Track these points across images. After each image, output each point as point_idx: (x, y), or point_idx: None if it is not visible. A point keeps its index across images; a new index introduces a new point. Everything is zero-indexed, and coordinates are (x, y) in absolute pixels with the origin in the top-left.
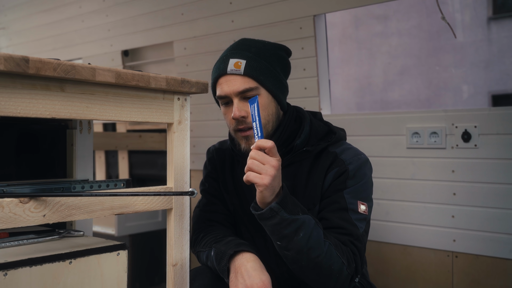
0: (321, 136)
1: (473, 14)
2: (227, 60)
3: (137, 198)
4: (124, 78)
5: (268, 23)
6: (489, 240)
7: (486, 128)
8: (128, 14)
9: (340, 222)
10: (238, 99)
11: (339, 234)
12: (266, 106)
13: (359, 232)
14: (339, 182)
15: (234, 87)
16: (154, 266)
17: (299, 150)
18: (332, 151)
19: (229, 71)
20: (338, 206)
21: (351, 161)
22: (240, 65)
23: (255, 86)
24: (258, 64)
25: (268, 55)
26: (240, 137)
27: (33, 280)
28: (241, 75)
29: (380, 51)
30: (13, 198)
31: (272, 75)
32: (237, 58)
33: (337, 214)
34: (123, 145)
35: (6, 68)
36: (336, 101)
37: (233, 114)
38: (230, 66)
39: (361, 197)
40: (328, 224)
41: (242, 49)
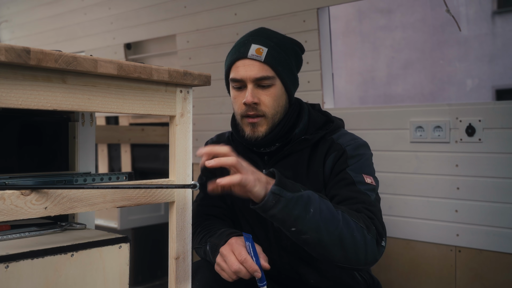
0: (319, 125)
1: (477, 8)
2: (248, 45)
3: (139, 191)
4: (126, 70)
5: (272, 16)
6: (493, 234)
7: (491, 122)
8: (130, 7)
9: (349, 194)
10: (253, 85)
11: (350, 204)
12: (278, 97)
13: (370, 199)
14: (340, 163)
15: (251, 72)
16: (157, 259)
17: (297, 139)
18: (329, 138)
19: (249, 55)
20: (344, 182)
21: (348, 143)
22: (262, 52)
23: (272, 76)
24: (278, 54)
25: (287, 48)
26: (246, 123)
27: (34, 273)
28: (261, 62)
29: (384, 45)
30: (15, 190)
31: (288, 68)
32: (259, 45)
33: (345, 188)
34: (126, 138)
35: (7, 59)
36: (339, 95)
37: (246, 99)
38: (252, 51)
39: (365, 171)
40: (338, 198)
41: (264, 37)
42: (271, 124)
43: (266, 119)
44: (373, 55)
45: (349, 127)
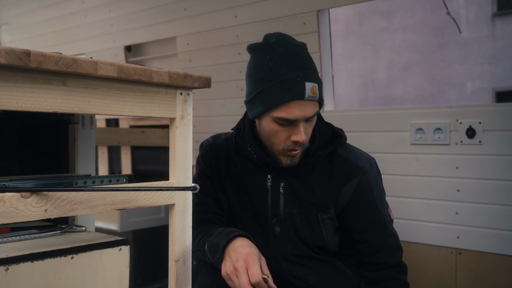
0: (327, 137)
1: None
2: (302, 84)
3: (139, 193)
4: (126, 72)
5: (272, 18)
6: (493, 236)
7: (491, 124)
8: (131, 9)
9: (387, 241)
10: (304, 122)
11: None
12: (313, 124)
13: (398, 240)
14: (366, 196)
15: (306, 112)
16: (157, 261)
17: (312, 155)
18: (343, 156)
19: (307, 97)
20: (380, 225)
21: (367, 169)
22: (316, 90)
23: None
24: (321, 86)
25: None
26: (287, 155)
27: (34, 275)
28: (316, 101)
29: (384, 47)
30: (15, 192)
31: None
32: (312, 82)
33: (382, 234)
34: (126, 140)
35: (7, 62)
36: (340, 97)
37: (301, 139)
38: (308, 92)
39: (386, 202)
40: (377, 246)
41: (310, 68)
42: (305, 149)
43: (303, 147)
44: (373, 57)
45: (350, 129)
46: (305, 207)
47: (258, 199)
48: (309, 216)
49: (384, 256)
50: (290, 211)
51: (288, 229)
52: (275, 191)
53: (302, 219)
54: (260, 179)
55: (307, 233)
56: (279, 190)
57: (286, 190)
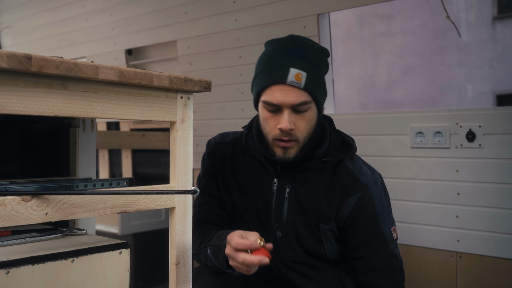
0: (337, 146)
1: (477, 14)
2: (287, 69)
3: (140, 197)
4: (127, 76)
5: (272, 22)
6: (494, 240)
7: (491, 127)
8: (132, 13)
9: (384, 262)
10: (290, 110)
11: (385, 277)
12: (312, 119)
13: (399, 262)
14: (367, 212)
15: (289, 99)
16: (157, 265)
17: (318, 160)
18: (349, 169)
19: (289, 82)
20: (379, 243)
21: (371, 185)
22: (301, 77)
23: (309, 100)
24: (316, 77)
25: (322, 65)
26: (277, 146)
27: (35, 278)
28: (300, 88)
29: (384, 50)
30: (16, 196)
31: (323, 88)
32: (299, 69)
33: (380, 253)
34: (127, 144)
35: (9, 66)
36: (340, 100)
37: (282, 125)
38: (291, 77)
39: (391, 221)
40: (373, 266)
41: (301, 57)
42: (302, 145)
43: (298, 142)
44: (373, 60)
45: (350, 132)
46: (308, 216)
47: (262, 202)
48: (311, 225)
49: (380, 277)
50: (293, 218)
51: (290, 235)
52: (280, 196)
53: (304, 227)
54: (266, 182)
55: (308, 241)
56: (284, 195)
57: (291, 195)
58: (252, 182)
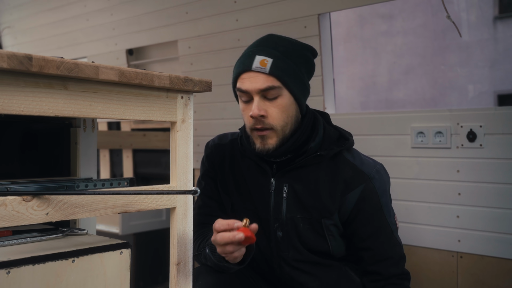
0: (333, 140)
1: (478, 13)
2: (253, 56)
3: (140, 197)
4: (127, 76)
5: (273, 21)
6: (495, 240)
7: (492, 127)
8: (132, 13)
9: (391, 252)
10: (259, 97)
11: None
12: (287, 108)
13: (402, 249)
14: (371, 203)
15: (257, 84)
16: (158, 265)
17: (312, 154)
18: (349, 161)
19: (254, 68)
20: (386, 234)
21: (373, 175)
22: (266, 63)
23: (278, 86)
24: (285, 64)
25: (295, 55)
26: (256, 136)
27: (36, 279)
28: (266, 73)
29: (385, 50)
30: (16, 196)
31: (297, 77)
32: (264, 56)
33: (387, 243)
34: (128, 143)
35: (10, 66)
36: (341, 100)
37: (252, 112)
38: (256, 63)
39: (392, 210)
40: (380, 256)
41: (269, 46)
42: (281, 136)
43: (275, 131)
44: (374, 60)
45: (351, 132)
46: (309, 212)
47: (260, 203)
48: (313, 222)
49: (389, 266)
50: (293, 216)
51: (290, 234)
52: (278, 195)
53: (305, 224)
54: (263, 182)
55: (310, 239)
56: (282, 194)
57: (289, 194)
58: (250, 183)
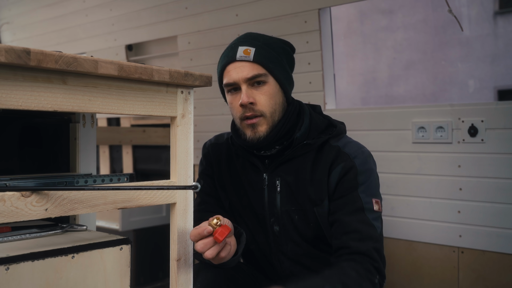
0: (321, 129)
1: (479, 8)
2: (235, 48)
3: (140, 192)
4: (126, 70)
5: (273, 16)
6: (496, 235)
7: (493, 122)
8: (132, 8)
9: (358, 225)
10: (247, 85)
11: (358, 240)
12: (274, 94)
13: (377, 233)
14: (349, 178)
15: (243, 73)
16: (158, 261)
17: (299, 144)
18: (334, 145)
19: (238, 57)
20: (354, 206)
21: (356, 155)
22: (250, 52)
23: (264, 73)
24: (267, 52)
25: (275, 46)
26: (246, 126)
27: (35, 275)
28: (251, 61)
29: (386, 46)
30: (15, 192)
31: (280, 64)
32: (247, 46)
33: (354, 216)
34: (127, 139)
35: (7, 60)
36: (341, 95)
37: (242, 100)
38: (240, 53)
39: (374, 193)
40: (345, 228)
41: (251, 38)
42: (271, 123)
43: (265, 118)
44: (374, 56)
45: (351, 128)
46: (301, 204)
47: (255, 199)
48: (306, 212)
49: (351, 240)
50: (288, 209)
51: (287, 228)
52: (272, 190)
53: (300, 215)
54: (257, 178)
55: (306, 230)
56: (275, 189)
57: (282, 188)
58: (245, 180)
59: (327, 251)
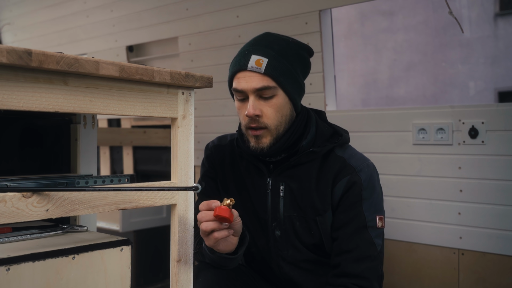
0: (326, 137)
1: (480, 10)
2: (248, 56)
3: (141, 193)
4: (128, 71)
5: (274, 18)
6: (496, 237)
7: (494, 124)
8: (132, 9)
9: (358, 244)
10: (254, 96)
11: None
12: (282, 107)
13: (376, 251)
14: (353, 193)
15: (252, 84)
16: (159, 262)
17: (305, 151)
18: (339, 156)
19: (249, 67)
20: (357, 224)
21: (361, 168)
22: (262, 63)
23: (273, 86)
24: (280, 64)
25: (291, 55)
26: (251, 135)
27: (36, 275)
28: (261, 73)
29: (386, 47)
30: (16, 192)
31: (292, 76)
32: (259, 56)
33: (356, 234)
34: (128, 140)
35: (9, 61)
36: (342, 97)
37: (248, 111)
38: (251, 62)
39: (378, 209)
40: (346, 246)
41: (265, 46)
42: (275, 135)
43: (270, 130)
44: (375, 57)
45: (352, 129)
46: (304, 211)
47: (258, 203)
48: (309, 220)
49: (348, 260)
50: (290, 215)
51: (288, 233)
52: (275, 194)
53: (302, 222)
54: (261, 182)
55: (307, 237)
56: (279, 193)
57: (286, 193)
58: (248, 183)
59: (328, 257)
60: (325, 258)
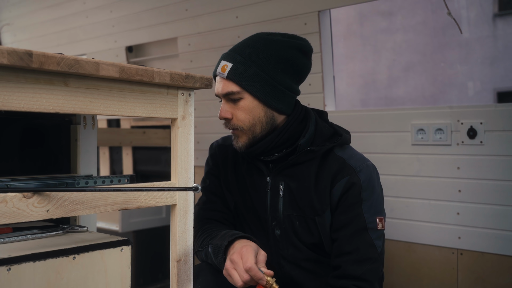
0: (326, 137)
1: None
2: (219, 61)
3: (141, 194)
4: (127, 72)
5: (273, 18)
6: (495, 237)
7: (492, 124)
8: (132, 10)
9: (358, 247)
10: (225, 100)
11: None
12: (251, 110)
13: (376, 253)
14: (352, 194)
15: (219, 89)
16: (158, 262)
17: (303, 150)
18: (339, 156)
19: (217, 73)
20: (357, 226)
21: (361, 169)
22: (226, 69)
23: (237, 91)
24: (245, 68)
25: (264, 57)
26: (232, 134)
27: (36, 275)
28: (225, 78)
29: (385, 48)
30: (17, 193)
31: (260, 80)
32: (226, 61)
33: (356, 236)
34: (127, 141)
35: (10, 62)
36: (341, 97)
37: (219, 115)
38: (219, 68)
39: (378, 210)
40: (346, 247)
41: (235, 50)
42: (251, 135)
43: (243, 131)
44: (374, 57)
45: (351, 129)
46: (303, 211)
47: (258, 202)
48: (307, 220)
49: (348, 262)
50: (289, 214)
51: (288, 232)
52: (275, 194)
53: (301, 222)
54: (260, 181)
55: (306, 237)
56: (278, 193)
57: (285, 192)
58: (249, 183)
59: (328, 256)
60: (325, 258)
